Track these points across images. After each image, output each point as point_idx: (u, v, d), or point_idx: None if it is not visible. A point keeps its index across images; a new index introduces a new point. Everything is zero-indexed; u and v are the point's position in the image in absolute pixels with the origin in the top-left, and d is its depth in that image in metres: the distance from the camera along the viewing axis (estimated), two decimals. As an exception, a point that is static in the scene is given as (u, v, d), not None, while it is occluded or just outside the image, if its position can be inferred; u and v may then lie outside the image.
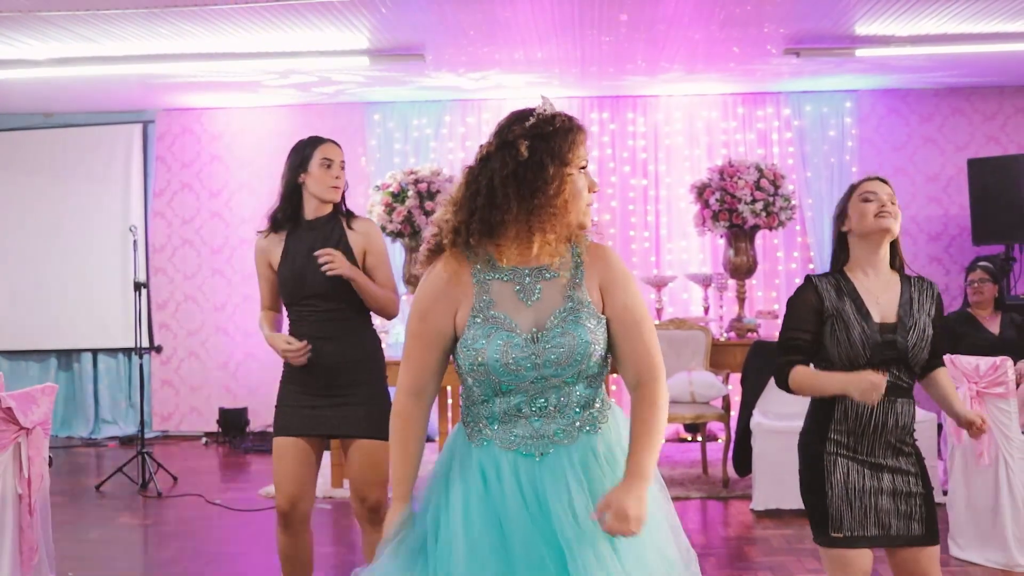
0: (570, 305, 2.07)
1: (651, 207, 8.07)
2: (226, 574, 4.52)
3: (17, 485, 3.58)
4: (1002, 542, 4.31)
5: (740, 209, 6.50)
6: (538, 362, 2.03)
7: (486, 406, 2.10)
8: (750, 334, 6.64)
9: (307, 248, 3.30)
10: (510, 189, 2.01)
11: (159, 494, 6.06)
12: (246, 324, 8.29)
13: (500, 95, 7.89)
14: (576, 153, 2.06)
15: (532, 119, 2.06)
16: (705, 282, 6.99)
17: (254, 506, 5.73)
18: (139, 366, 6.73)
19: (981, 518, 4.39)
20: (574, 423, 2.07)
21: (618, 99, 8.12)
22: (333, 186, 3.35)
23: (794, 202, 6.72)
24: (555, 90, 7.70)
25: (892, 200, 2.73)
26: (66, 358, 8.59)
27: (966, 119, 8.01)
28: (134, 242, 6.85)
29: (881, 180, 2.81)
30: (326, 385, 3.29)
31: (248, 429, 8.14)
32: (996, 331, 5.66)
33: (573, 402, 2.08)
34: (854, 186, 2.84)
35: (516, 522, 2.00)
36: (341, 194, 3.40)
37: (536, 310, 2.07)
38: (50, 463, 3.91)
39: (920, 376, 2.82)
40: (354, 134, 8.11)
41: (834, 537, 2.69)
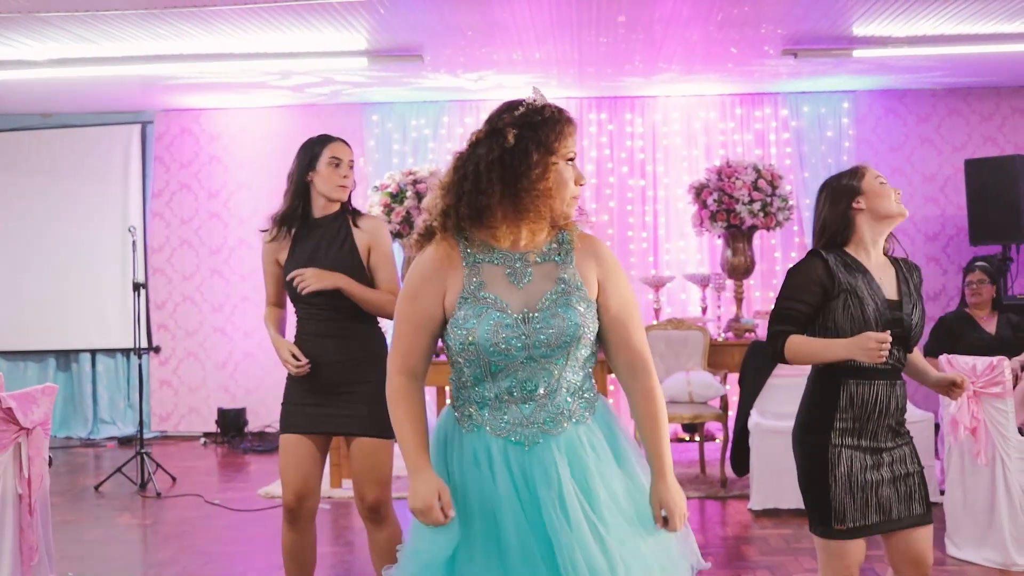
0: (561, 287, 2.10)
1: (649, 207, 8.08)
2: (225, 574, 4.52)
3: (17, 485, 3.58)
4: (999, 541, 4.31)
5: (738, 209, 6.51)
6: (528, 342, 2.05)
7: (476, 390, 2.11)
8: (748, 334, 6.65)
9: (314, 246, 3.31)
10: (494, 174, 2.04)
11: (158, 494, 6.06)
12: (245, 324, 8.30)
13: (498, 96, 7.86)
14: (563, 143, 2.08)
15: (522, 108, 2.09)
16: (703, 282, 7.00)
17: (253, 506, 5.73)
18: (138, 366, 6.75)
19: (978, 517, 4.39)
20: (562, 411, 2.09)
21: (616, 100, 8.14)
22: (341, 185, 3.35)
23: (792, 202, 6.73)
24: (553, 90, 7.71)
25: None
26: (65, 358, 8.59)
27: (963, 119, 8.02)
28: (133, 243, 6.85)
29: None
30: (331, 383, 3.29)
31: (247, 429, 8.15)
32: (993, 331, 5.68)
33: (562, 387, 2.10)
34: (862, 168, 2.84)
35: (508, 510, 2.02)
36: (349, 193, 3.40)
37: (527, 292, 2.10)
38: (50, 463, 3.92)
39: None
40: (352, 135, 8.06)
41: (836, 529, 2.70)
